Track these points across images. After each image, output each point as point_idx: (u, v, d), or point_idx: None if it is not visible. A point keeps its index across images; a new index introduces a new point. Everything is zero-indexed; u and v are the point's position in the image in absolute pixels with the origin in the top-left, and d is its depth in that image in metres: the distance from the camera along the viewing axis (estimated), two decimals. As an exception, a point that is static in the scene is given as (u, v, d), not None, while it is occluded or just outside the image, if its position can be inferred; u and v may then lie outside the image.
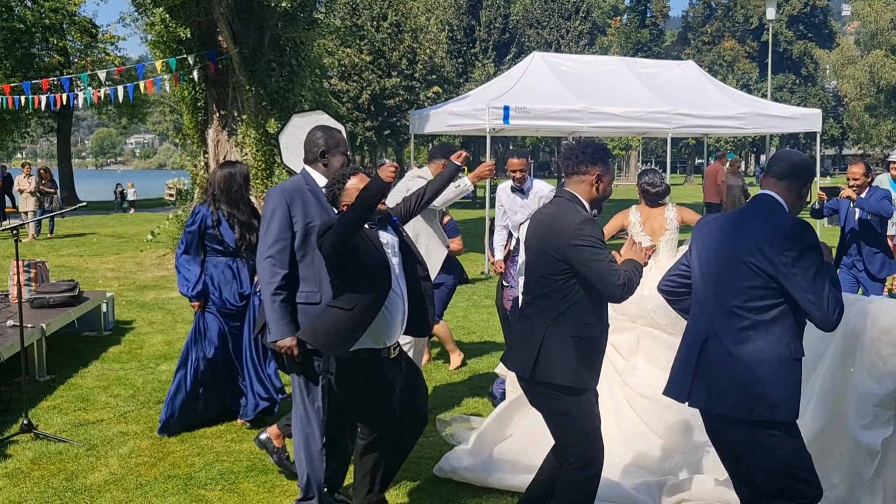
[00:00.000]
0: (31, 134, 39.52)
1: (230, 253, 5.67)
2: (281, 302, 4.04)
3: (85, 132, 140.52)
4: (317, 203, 4.14)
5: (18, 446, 5.29)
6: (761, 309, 3.15)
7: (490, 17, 44.70)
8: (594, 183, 3.70)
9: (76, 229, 20.61)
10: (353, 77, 37.26)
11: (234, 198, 5.66)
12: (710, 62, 60.77)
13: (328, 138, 4.27)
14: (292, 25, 13.29)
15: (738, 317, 3.18)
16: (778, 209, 3.24)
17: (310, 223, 4.08)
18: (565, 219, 3.59)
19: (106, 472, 4.94)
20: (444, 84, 40.25)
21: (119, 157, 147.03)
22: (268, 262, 4.05)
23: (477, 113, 14.27)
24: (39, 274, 7.95)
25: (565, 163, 3.78)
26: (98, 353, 7.79)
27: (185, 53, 13.48)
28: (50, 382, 6.80)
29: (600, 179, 3.71)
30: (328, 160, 4.25)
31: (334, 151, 4.25)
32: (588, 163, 3.71)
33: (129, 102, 20.75)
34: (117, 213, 28.37)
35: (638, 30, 66.59)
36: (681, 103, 15.39)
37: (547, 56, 17.35)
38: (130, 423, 5.82)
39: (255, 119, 13.43)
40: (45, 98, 15.32)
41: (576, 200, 3.70)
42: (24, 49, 32.15)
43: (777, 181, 3.32)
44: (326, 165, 4.24)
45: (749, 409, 3.12)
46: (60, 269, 13.05)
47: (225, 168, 5.77)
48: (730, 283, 3.21)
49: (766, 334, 3.14)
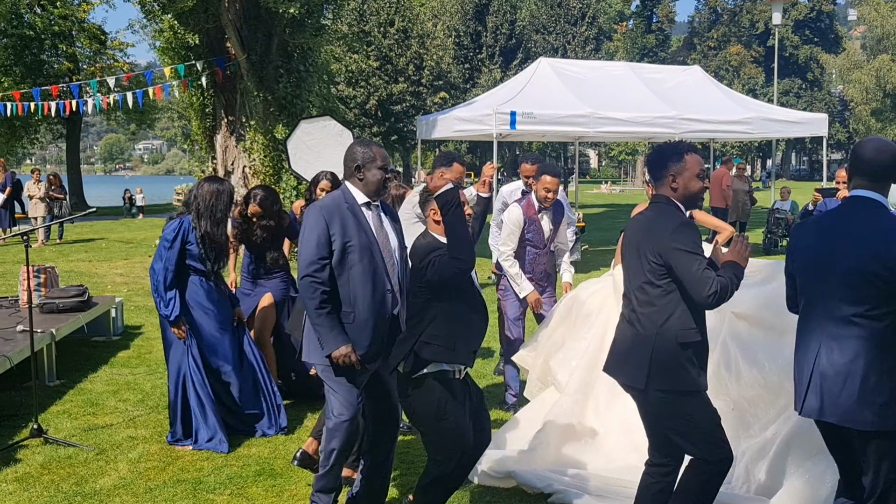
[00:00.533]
0: (41, 140, 39.71)
1: (205, 273, 5.52)
2: (327, 314, 3.98)
3: (94, 138, 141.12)
4: (355, 221, 4.06)
5: (28, 451, 5.32)
6: (878, 317, 3.14)
7: (496, 22, 44.83)
8: (670, 183, 3.71)
9: (85, 235, 20.70)
10: (360, 83, 37.40)
11: (218, 217, 5.48)
12: (716, 67, 60.74)
13: (365, 152, 4.16)
14: (300, 32, 13.37)
15: (854, 325, 3.17)
16: (883, 212, 3.23)
17: (347, 242, 4.02)
18: (664, 222, 3.61)
19: (115, 476, 4.96)
20: (451, 90, 40.38)
21: (127, 162, 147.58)
22: (306, 280, 4.00)
23: (484, 118, 14.31)
24: (49, 279, 7.99)
25: (649, 170, 3.84)
26: (107, 358, 7.83)
27: (193, 60, 13.58)
28: (59, 387, 6.84)
29: (675, 179, 3.70)
30: (364, 175, 4.13)
31: (370, 165, 4.13)
32: (659, 166, 3.74)
33: (137, 108, 20.88)
34: (126, 218, 28.48)
35: (644, 35, 66.57)
36: (687, 108, 15.41)
37: (553, 62, 17.40)
38: (140, 427, 5.85)
39: (262, 125, 13.50)
40: (54, 104, 15.42)
41: (671, 204, 3.71)
42: (33, 56, 32.34)
43: (873, 182, 3.27)
44: (362, 180, 4.13)
45: (868, 419, 3.14)
46: (70, 274, 13.10)
47: (213, 183, 5.56)
48: (844, 293, 3.19)
49: (882, 341, 3.14)
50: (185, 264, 5.45)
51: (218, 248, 5.51)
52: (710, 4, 70.33)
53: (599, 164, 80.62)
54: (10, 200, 18.88)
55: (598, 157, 79.55)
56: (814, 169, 63.49)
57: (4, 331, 6.77)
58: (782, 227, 17.05)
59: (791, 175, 67.13)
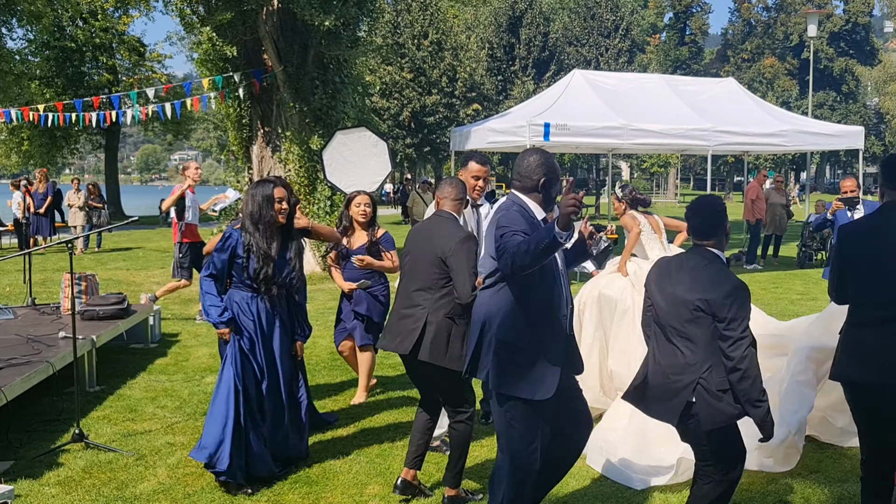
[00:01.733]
0: (80, 150, 40.43)
1: (253, 288, 5.02)
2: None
3: (131, 148, 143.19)
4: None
5: (70, 455, 5.42)
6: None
7: (530, 35, 44.84)
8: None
9: (122, 243, 21.02)
10: (393, 94, 37.60)
11: (255, 224, 4.99)
12: (750, 79, 60.21)
13: (550, 166, 3.83)
14: (335, 44, 13.50)
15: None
16: None
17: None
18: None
19: (154, 481, 5.03)
20: (484, 101, 40.43)
21: (163, 173, 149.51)
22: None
23: (517, 130, 14.36)
24: (90, 287, 8.14)
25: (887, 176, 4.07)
26: (145, 365, 7.95)
27: (230, 71, 13.75)
28: (99, 393, 6.95)
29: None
30: (548, 191, 3.84)
31: (553, 180, 3.84)
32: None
33: (175, 119, 21.16)
34: (162, 227, 28.84)
35: (677, 47, 66.24)
36: (721, 120, 15.33)
37: (587, 73, 17.41)
38: (177, 434, 5.93)
39: (298, 136, 13.63)
40: (94, 115, 15.70)
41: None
42: (74, 67, 33.04)
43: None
44: (545, 196, 3.84)
45: None
46: (108, 282, 13.31)
47: (252, 188, 5.13)
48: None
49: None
50: (234, 278, 5.07)
51: (266, 259, 4.96)
52: (744, 16, 69.81)
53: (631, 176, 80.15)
54: (51, 209, 19.25)
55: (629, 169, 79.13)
56: (850, 182, 62.44)
57: (47, 337, 6.91)
58: (817, 240, 16.84)
59: (826, 188, 66.24)
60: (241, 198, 11.24)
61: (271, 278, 4.97)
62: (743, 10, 69.81)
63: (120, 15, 34.57)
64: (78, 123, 16.53)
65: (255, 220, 4.97)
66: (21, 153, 32.87)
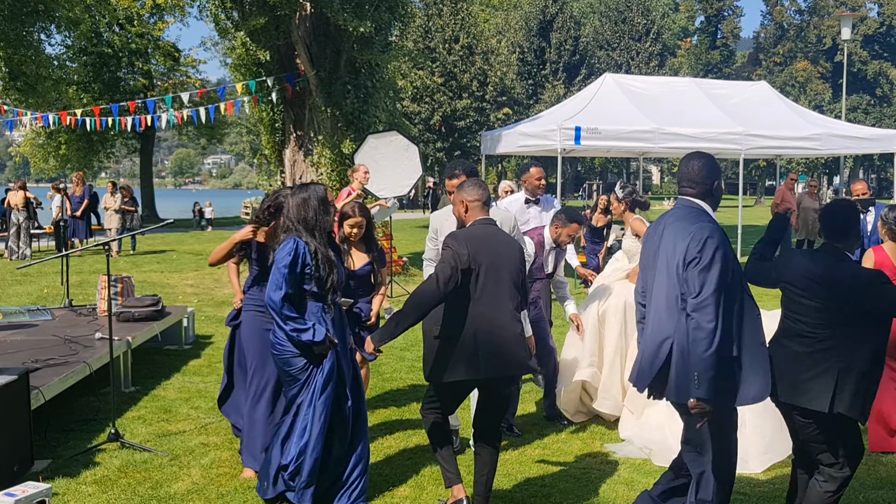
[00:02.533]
0: (116, 154, 41.06)
1: (320, 297, 4.59)
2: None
3: (165, 152, 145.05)
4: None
5: (106, 454, 5.50)
6: None
7: (560, 39, 44.78)
8: None
9: (157, 246, 21.28)
10: (424, 99, 37.76)
11: (311, 225, 4.58)
12: (782, 83, 59.60)
13: (718, 167, 3.89)
14: (368, 48, 13.59)
15: None
16: None
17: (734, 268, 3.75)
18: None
19: (188, 481, 5.09)
20: (514, 105, 40.47)
21: (197, 176, 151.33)
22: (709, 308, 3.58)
23: (548, 134, 14.33)
24: (126, 288, 8.25)
25: None
26: (179, 366, 8.05)
27: (264, 76, 13.90)
28: (134, 393, 7.05)
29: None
30: (720, 194, 3.89)
31: (719, 178, 3.89)
32: None
33: (209, 123, 21.40)
34: (195, 230, 29.19)
35: (708, 51, 65.74)
36: (754, 124, 15.20)
37: (619, 77, 17.36)
38: (211, 434, 5.99)
39: (330, 139, 13.74)
40: (130, 119, 15.94)
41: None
42: (111, 72, 33.60)
43: None
44: (717, 199, 3.85)
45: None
46: (143, 284, 13.49)
47: (299, 193, 4.68)
48: None
49: None
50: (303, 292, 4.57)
51: (327, 262, 4.58)
52: (777, 20, 69.11)
53: (662, 179, 79.65)
54: (87, 212, 19.57)
55: (660, 173, 78.62)
56: (882, 186, 61.68)
57: (84, 338, 7.02)
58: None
59: (862, 192, 65.10)
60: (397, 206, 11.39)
61: (336, 285, 4.63)
62: (775, 13, 69.11)
63: (155, 21, 35.10)
64: (114, 128, 16.80)
65: (310, 227, 4.57)
66: (59, 157, 33.45)
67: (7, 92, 26.01)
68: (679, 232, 3.67)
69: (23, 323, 7.81)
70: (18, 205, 17.95)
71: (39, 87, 25.19)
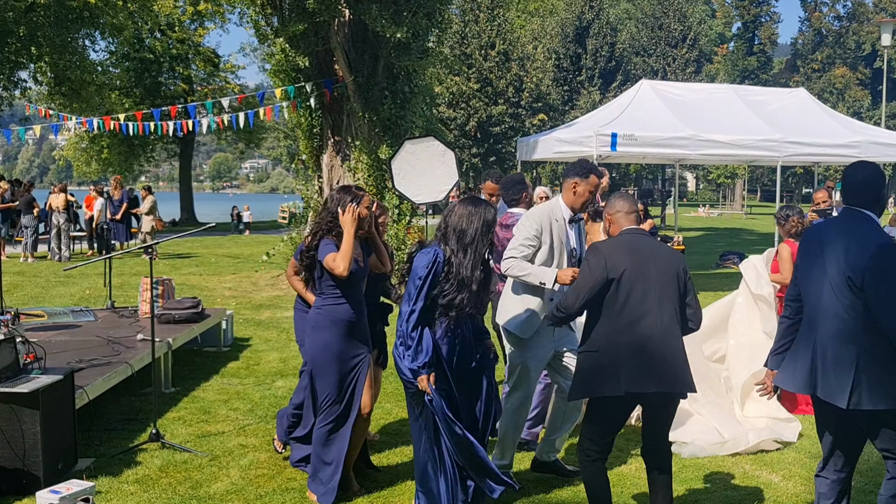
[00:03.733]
0: (156, 158, 41.74)
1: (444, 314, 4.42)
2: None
3: (203, 157, 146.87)
4: None
5: (147, 454, 5.60)
6: None
7: (596, 45, 44.60)
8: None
9: (195, 249, 21.57)
10: (460, 104, 37.86)
11: (466, 241, 4.35)
12: (820, 90, 58.74)
13: (881, 176, 3.91)
14: (405, 54, 13.66)
15: None
16: None
17: None
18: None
19: (227, 482, 5.17)
20: (550, 111, 40.39)
21: (234, 180, 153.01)
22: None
23: (584, 140, 14.29)
24: (166, 291, 8.39)
25: None
26: (218, 368, 8.15)
27: (302, 81, 14.04)
28: (175, 394, 7.16)
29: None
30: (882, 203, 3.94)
31: (885, 187, 3.96)
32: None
33: (248, 128, 21.64)
34: (233, 234, 29.52)
35: (745, 57, 65.01)
36: (791, 131, 15.03)
37: (655, 83, 17.25)
38: (249, 436, 6.07)
39: (367, 145, 13.83)
40: (171, 124, 16.19)
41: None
42: (152, 78, 34.20)
43: None
44: (880, 208, 3.91)
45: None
46: (181, 287, 13.67)
47: (467, 205, 4.44)
48: None
49: None
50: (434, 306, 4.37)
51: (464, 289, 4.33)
52: (815, 26, 68.18)
53: (697, 186, 78.91)
54: (127, 215, 19.90)
55: (696, 180, 77.89)
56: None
57: (126, 339, 7.15)
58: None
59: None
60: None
61: (460, 307, 4.34)
62: (813, 19, 68.21)
63: (196, 27, 35.65)
64: (156, 132, 17.07)
65: (465, 242, 4.34)
66: (101, 161, 34.09)
67: (52, 97, 26.60)
68: (854, 240, 3.72)
69: (67, 324, 7.98)
70: (59, 207, 18.32)
71: (83, 92, 25.73)
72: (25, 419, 4.79)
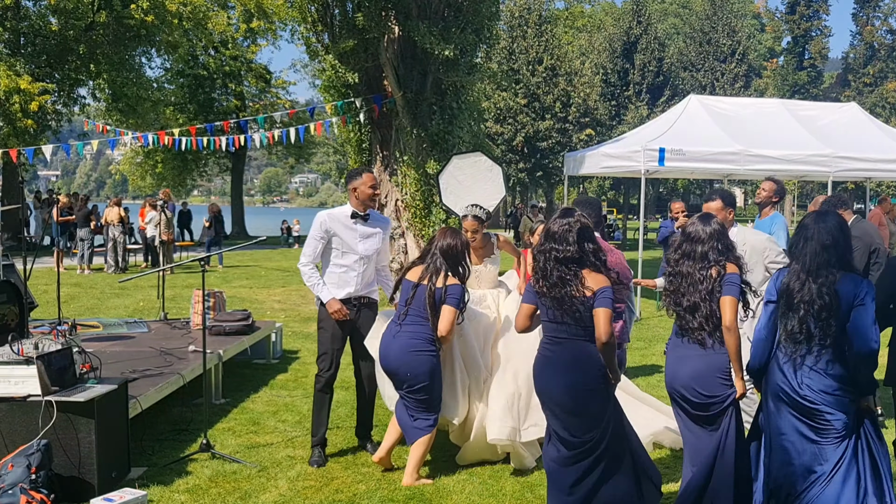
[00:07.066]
0: (208, 173, 42.56)
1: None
2: None
3: (254, 171, 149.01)
4: None
5: (198, 464, 5.69)
6: None
7: (644, 60, 44.29)
8: None
9: (245, 262, 21.90)
10: (507, 120, 37.87)
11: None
12: (872, 104, 57.36)
13: None
14: (453, 70, 13.75)
15: None
16: None
17: None
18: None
19: (276, 493, 5.22)
20: (597, 126, 40.17)
21: (284, 195, 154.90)
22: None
23: (632, 155, 14.20)
24: (218, 303, 8.53)
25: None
26: (267, 380, 8.26)
27: (352, 97, 14.21)
28: (224, 405, 7.27)
29: None
30: None
31: None
32: None
33: (298, 143, 21.94)
34: (283, 248, 29.90)
35: (795, 72, 63.92)
36: (842, 146, 14.75)
37: (704, 98, 17.09)
38: (297, 448, 6.13)
39: (415, 160, 13.93)
40: (224, 139, 16.51)
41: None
42: (205, 94, 34.92)
43: None
44: None
45: None
46: (232, 299, 13.90)
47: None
48: None
49: None
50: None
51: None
52: (867, 40, 66.73)
53: (745, 202, 77.63)
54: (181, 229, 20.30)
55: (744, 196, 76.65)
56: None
57: (178, 350, 7.29)
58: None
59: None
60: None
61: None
62: (865, 33, 66.76)
63: (248, 44, 36.34)
64: (209, 147, 17.41)
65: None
66: (155, 175, 34.86)
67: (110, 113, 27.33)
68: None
69: (121, 335, 8.17)
70: (114, 220, 18.76)
71: (139, 108, 26.39)
72: (81, 428, 4.90)
